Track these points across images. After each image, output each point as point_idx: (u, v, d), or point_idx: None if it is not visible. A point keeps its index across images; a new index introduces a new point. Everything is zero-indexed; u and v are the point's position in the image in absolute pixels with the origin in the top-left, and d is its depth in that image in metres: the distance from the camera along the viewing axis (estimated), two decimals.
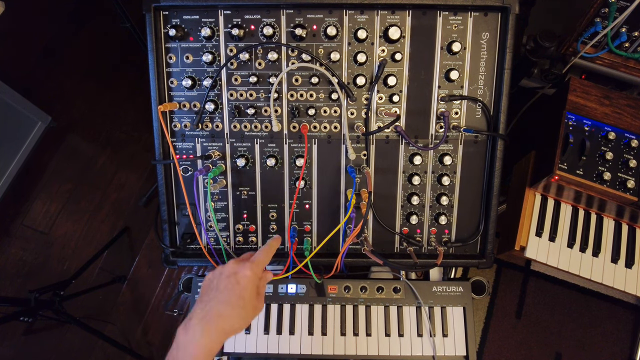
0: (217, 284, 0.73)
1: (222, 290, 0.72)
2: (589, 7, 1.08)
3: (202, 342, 0.67)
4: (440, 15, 0.92)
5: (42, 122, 2.23)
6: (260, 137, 0.98)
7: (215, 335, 0.69)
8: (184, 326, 0.69)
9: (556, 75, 1.25)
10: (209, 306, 0.71)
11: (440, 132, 0.97)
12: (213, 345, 0.69)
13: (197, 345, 0.67)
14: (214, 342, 0.69)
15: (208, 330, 0.68)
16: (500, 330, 1.94)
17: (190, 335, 0.68)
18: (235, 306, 0.71)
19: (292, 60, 0.94)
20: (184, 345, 0.67)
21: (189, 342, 0.67)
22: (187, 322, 0.69)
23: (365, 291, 1.06)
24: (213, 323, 0.69)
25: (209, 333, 0.68)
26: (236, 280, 0.73)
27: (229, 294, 0.72)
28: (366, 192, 0.94)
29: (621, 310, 1.94)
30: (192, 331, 0.68)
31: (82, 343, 1.98)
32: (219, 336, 0.69)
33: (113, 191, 2.18)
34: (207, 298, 0.72)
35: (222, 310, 0.70)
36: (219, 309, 0.70)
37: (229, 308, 0.71)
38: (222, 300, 0.71)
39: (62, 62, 2.44)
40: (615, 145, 1.11)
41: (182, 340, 0.68)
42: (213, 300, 0.71)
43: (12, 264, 2.09)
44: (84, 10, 2.55)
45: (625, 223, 1.23)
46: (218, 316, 0.70)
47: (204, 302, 0.72)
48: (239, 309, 0.71)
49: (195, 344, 0.67)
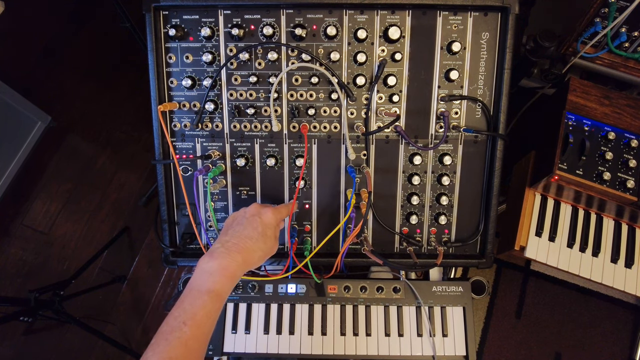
0: (240, 221, 0.80)
1: (246, 226, 0.78)
2: (589, 7, 1.08)
3: (226, 264, 0.71)
4: (440, 15, 0.92)
5: (42, 122, 2.23)
6: (260, 137, 0.98)
7: (239, 262, 0.73)
8: (207, 254, 0.73)
9: (556, 75, 1.25)
10: (234, 238, 0.76)
11: (440, 132, 0.97)
12: (236, 271, 0.73)
13: (222, 269, 0.70)
14: (238, 268, 0.73)
15: (233, 256, 0.72)
16: (500, 330, 1.94)
17: (215, 260, 0.71)
18: (258, 240, 0.77)
19: (292, 60, 0.94)
20: (208, 269, 0.70)
21: (214, 266, 0.70)
22: (212, 251, 0.73)
23: (365, 291, 1.06)
24: (237, 251, 0.74)
25: (234, 258, 0.72)
26: (260, 220, 0.79)
27: (252, 230, 0.78)
28: (366, 192, 0.94)
29: (621, 310, 1.95)
30: (218, 255, 0.72)
31: (82, 343, 1.98)
32: (242, 264, 0.74)
33: (113, 191, 2.18)
34: (231, 232, 0.78)
35: (246, 241, 0.76)
36: (243, 240, 0.76)
37: (252, 241, 0.76)
38: (245, 234, 0.77)
39: (62, 62, 2.44)
40: (615, 145, 1.11)
41: (206, 265, 0.71)
42: (237, 233, 0.77)
43: (12, 264, 2.09)
44: (84, 10, 2.55)
45: (625, 223, 1.23)
46: (242, 245, 0.75)
47: (229, 235, 0.77)
48: (260, 243, 0.77)
49: (220, 267, 0.70)
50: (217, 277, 0.69)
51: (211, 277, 0.69)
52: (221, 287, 0.70)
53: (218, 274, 0.70)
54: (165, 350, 0.62)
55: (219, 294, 0.69)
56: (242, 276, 0.78)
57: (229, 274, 0.71)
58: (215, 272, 0.70)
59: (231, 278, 0.71)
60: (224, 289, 0.70)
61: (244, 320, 1.05)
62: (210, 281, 0.69)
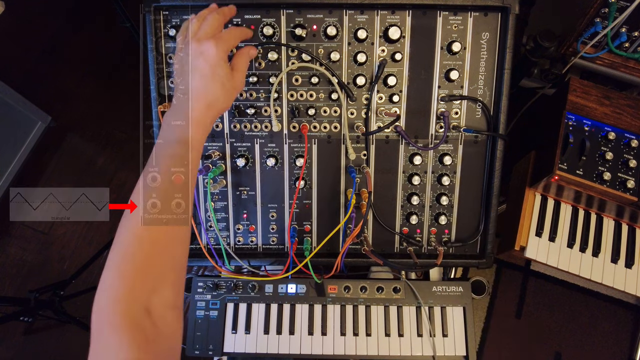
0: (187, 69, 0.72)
1: (194, 74, 0.71)
2: (589, 7, 1.07)
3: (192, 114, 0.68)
4: (440, 15, 0.92)
5: (42, 122, 2.23)
6: (260, 137, 0.98)
7: (202, 109, 0.70)
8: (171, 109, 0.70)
9: (556, 75, 1.25)
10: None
11: (440, 132, 0.97)
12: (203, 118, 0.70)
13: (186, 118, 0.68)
14: (204, 115, 0.70)
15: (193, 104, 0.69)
16: (500, 330, 1.94)
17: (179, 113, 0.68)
18: (212, 81, 0.71)
19: (292, 60, 0.94)
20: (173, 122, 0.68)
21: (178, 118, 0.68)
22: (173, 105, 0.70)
23: (365, 291, 1.06)
24: (196, 99, 0.70)
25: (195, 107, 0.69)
26: (205, 61, 0.71)
27: (201, 77, 0.71)
28: (366, 192, 0.94)
29: (621, 310, 1.95)
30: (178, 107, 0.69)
31: (82, 343, 1.97)
32: (207, 110, 0.70)
33: (113, 191, 2.18)
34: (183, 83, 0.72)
35: (200, 86, 0.70)
36: (197, 86, 0.70)
37: (206, 83, 0.71)
38: (197, 80, 0.71)
39: (62, 62, 2.44)
40: (615, 145, 1.11)
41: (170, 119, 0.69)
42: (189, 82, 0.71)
43: (12, 264, 2.09)
44: (84, 10, 2.55)
45: (625, 223, 1.23)
46: (198, 92, 0.70)
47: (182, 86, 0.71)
48: (217, 83, 0.71)
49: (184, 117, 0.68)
50: (185, 127, 0.68)
51: (178, 128, 0.68)
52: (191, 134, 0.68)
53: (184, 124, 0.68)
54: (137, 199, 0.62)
55: (187, 141, 0.67)
56: (245, 279, 0.77)
57: (195, 122, 0.69)
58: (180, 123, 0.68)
59: (199, 125, 0.70)
60: (195, 136, 0.68)
61: (244, 321, 1.05)
62: (177, 132, 0.67)
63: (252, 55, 0.83)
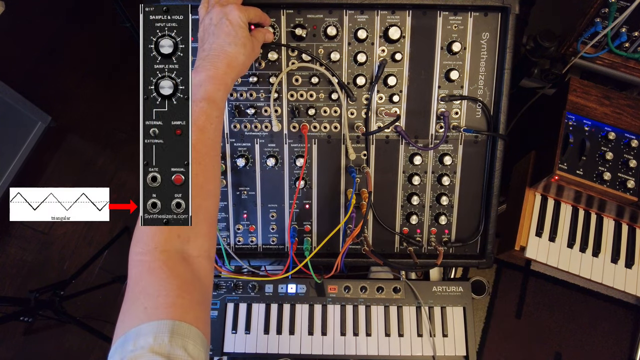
0: (212, 31, 0.75)
1: (219, 34, 0.73)
2: (589, 7, 1.07)
3: (213, 73, 0.70)
4: (440, 16, 0.92)
5: (42, 122, 2.23)
6: (260, 137, 0.98)
7: (224, 68, 0.72)
8: (193, 71, 0.71)
9: (556, 75, 1.25)
10: (212, 50, 0.73)
11: (440, 132, 0.97)
12: (225, 77, 0.72)
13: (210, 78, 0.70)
14: (226, 75, 0.72)
15: (216, 64, 0.71)
16: (500, 330, 1.94)
17: (201, 73, 0.70)
18: (236, 45, 0.73)
19: (292, 60, 0.94)
20: (197, 83, 0.69)
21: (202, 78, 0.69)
22: (196, 67, 0.72)
23: (365, 291, 1.06)
24: (219, 59, 0.72)
25: (218, 67, 0.71)
26: (229, 21, 0.74)
27: (226, 35, 0.73)
28: (366, 192, 0.94)
29: (621, 310, 1.95)
30: (202, 68, 0.71)
31: (82, 343, 1.98)
32: (228, 70, 0.72)
33: (113, 191, 2.18)
34: (207, 45, 0.74)
35: (224, 47, 0.72)
36: (220, 46, 0.72)
37: (230, 47, 0.73)
38: (221, 42, 0.73)
39: (62, 62, 2.44)
40: (615, 145, 1.11)
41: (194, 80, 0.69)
42: (213, 44, 0.73)
43: (12, 264, 2.09)
44: (84, 10, 2.55)
45: (625, 223, 1.23)
46: (221, 53, 0.72)
47: (205, 48, 0.74)
48: (238, 43, 0.74)
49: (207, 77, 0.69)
50: (208, 86, 0.69)
51: (202, 87, 0.69)
52: (214, 93, 0.69)
53: (208, 82, 0.69)
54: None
55: (214, 99, 0.69)
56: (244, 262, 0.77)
57: (218, 81, 0.71)
58: (204, 82, 0.69)
59: (221, 84, 0.71)
60: (218, 95, 0.70)
61: (244, 321, 1.05)
62: (202, 91, 0.69)
63: (269, 38, 0.86)
